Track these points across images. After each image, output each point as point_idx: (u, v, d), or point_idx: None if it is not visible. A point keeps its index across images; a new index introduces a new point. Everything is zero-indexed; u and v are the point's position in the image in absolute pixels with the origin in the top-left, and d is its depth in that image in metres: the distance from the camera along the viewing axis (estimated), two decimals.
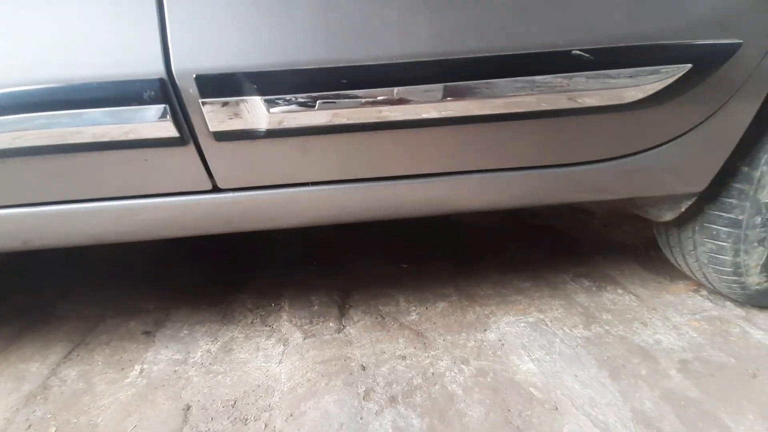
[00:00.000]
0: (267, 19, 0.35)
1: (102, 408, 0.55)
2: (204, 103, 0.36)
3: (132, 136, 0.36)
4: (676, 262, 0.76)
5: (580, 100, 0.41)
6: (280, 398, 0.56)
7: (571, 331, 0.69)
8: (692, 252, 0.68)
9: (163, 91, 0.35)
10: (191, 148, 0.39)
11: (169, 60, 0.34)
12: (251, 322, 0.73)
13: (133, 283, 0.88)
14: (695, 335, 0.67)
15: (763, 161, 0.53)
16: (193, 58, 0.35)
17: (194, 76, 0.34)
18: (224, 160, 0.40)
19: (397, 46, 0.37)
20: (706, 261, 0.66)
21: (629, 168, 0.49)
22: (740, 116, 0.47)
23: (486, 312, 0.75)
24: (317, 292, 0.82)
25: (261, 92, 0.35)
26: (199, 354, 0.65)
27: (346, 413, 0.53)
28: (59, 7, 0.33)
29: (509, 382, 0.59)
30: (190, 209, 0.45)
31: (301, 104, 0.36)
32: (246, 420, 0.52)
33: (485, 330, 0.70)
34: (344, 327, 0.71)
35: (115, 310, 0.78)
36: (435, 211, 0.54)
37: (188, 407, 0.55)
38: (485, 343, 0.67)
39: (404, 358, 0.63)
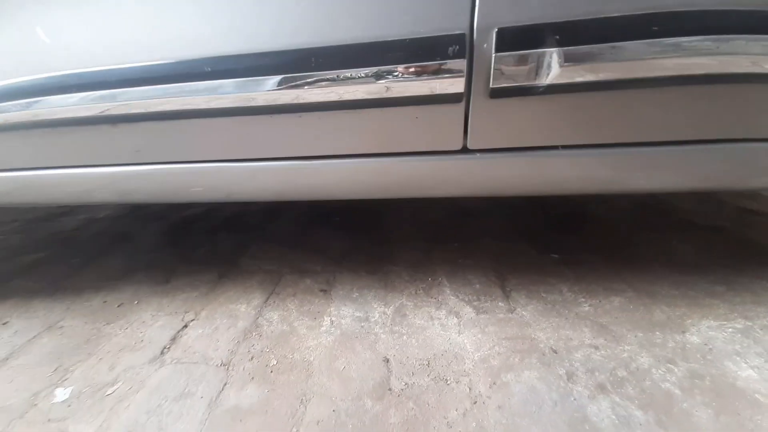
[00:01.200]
0: None
1: (310, 349, 0.61)
2: (497, 58, 0.36)
3: (421, 92, 0.39)
4: None
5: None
6: (473, 366, 0.56)
7: None
8: None
9: (463, 46, 0.36)
10: (462, 105, 0.40)
11: (474, 15, 0.36)
12: (415, 293, 0.75)
13: (295, 246, 0.98)
14: None
15: None
16: (496, 13, 0.35)
17: (496, 29, 0.35)
18: (486, 118, 0.41)
19: None
20: None
21: None
22: None
23: (677, 313, 0.66)
24: (472, 272, 0.81)
25: (560, 44, 0.35)
26: (377, 315, 0.69)
27: (555, 392, 0.51)
28: None
29: (730, 387, 0.51)
30: (436, 170, 0.47)
31: (596, 56, 0.35)
32: (447, 381, 0.54)
33: (683, 332, 0.62)
34: (515, 308, 0.69)
35: (289, 268, 0.86)
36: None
37: (387, 360, 0.58)
38: (688, 346, 0.59)
39: (596, 348, 0.59)
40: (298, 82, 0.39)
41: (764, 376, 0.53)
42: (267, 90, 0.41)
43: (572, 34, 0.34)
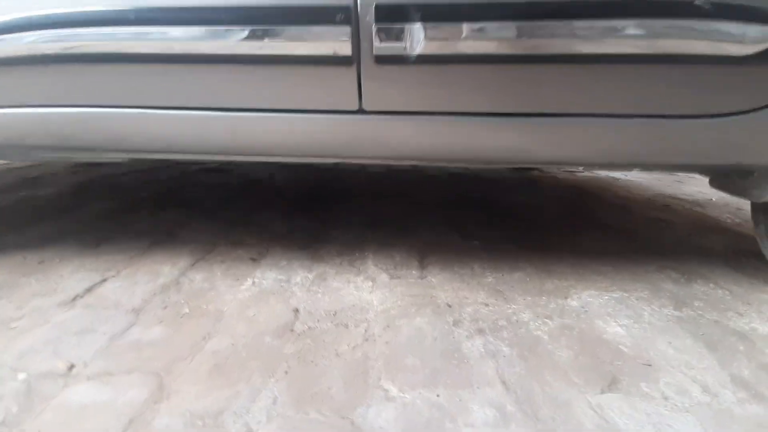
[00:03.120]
0: None
1: (226, 302, 0.64)
2: (376, 29, 0.45)
3: (315, 52, 0.47)
4: None
5: (692, 48, 0.45)
6: (374, 315, 0.61)
7: (660, 309, 0.68)
8: None
9: (349, 15, 0.44)
10: (353, 69, 0.48)
11: None
12: (340, 263, 0.80)
13: (236, 222, 1.01)
14: None
15: None
16: None
17: (374, 5, 0.44)
18: (376, 82, 0.49)
19: None
20: None
21: (731, 128, 0.50)
22: None
23: (565, 284, 0.75)
24: (397, 250, 0.88)
25: (423, 20, 0.44)
26: (299, 278, 0.73)
27: (438, 331, 0.57)
28: None
29: (597, 338, 0.59)
30: (336, 128, 0.54)
31: (454, 32, 0.44)
32: (347, 326, 0.58)
33: (566, 298, 0.71)
34: (426, 276, 0.75)
35: (224, 240, 0.89)
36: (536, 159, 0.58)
37: (296, 310, 0.62)
38: (567, 308, 0.68)
39: (487, 305, 0.66)
40: (213, 35, 0.46)
41: (631, 333, 0.61)
42: (178, 39, 0.47)
43: (433, 13, 0.44)
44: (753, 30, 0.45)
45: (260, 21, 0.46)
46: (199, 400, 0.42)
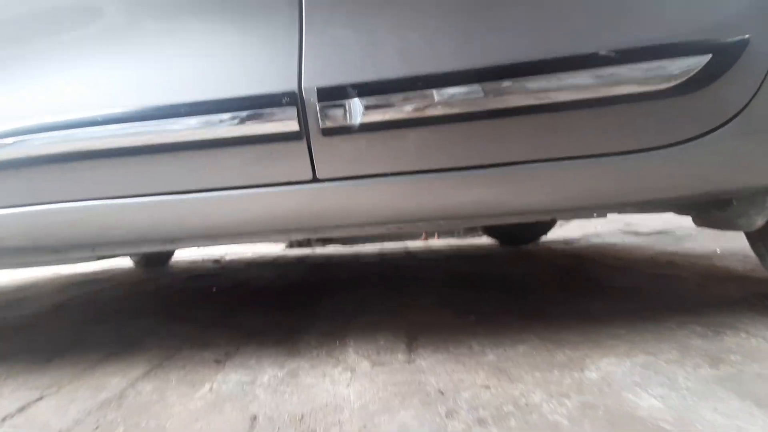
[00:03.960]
0: (361, 50, 0.50)
1: (171, 415, 0.53)
2: (320, 107, 0.49)
3: (267, 131, 0.50)
4: None
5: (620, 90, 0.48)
6: (350, 414, 0.50)
7: (695, 371, 0.56)
8: None
9: (295, 99, 0.49)
10: (304, 142, 0.51)
11: (301, 79, 0.50)
12: (316, 355, 0.70)
13: (210, 324, 0.92)
14: None
15: None
16: (314, 78, 0.50)
17: (316, 88, 0.49)
18: (326, 152, 0.51)
19: (442, 60, 0.49)
20: None
21: (686, 156, 0.50)
22: None
23: (578, 354, 0.64)
24: (382, 333, 0.78)
25: (359, 95, 0.48)
26: (266, 378, 0.62)
27: (427, 428, 0.45)
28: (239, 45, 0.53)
29: (629, 416, 0.47)
30: (294, 198, 0.53)
31: (386, 104, 0.48)
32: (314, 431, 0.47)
33: (582, 370, 0.59)
34: (414, 360, 0.65)
35: (191, 343, 0.80)
36: (494, 212, 0.56)
37: (255, 417, 0.51)
38: (585, 381, 0.56)
39: (488, 387, 0.55)
40: (194, 126, 0.50)
41: (669, 404, 0.49)
42: (163, 131, 0.51)
43: (366, 89, 0.48)
44: (673, 65, 0.49)
45: (216, 110, 0.50)
46: None
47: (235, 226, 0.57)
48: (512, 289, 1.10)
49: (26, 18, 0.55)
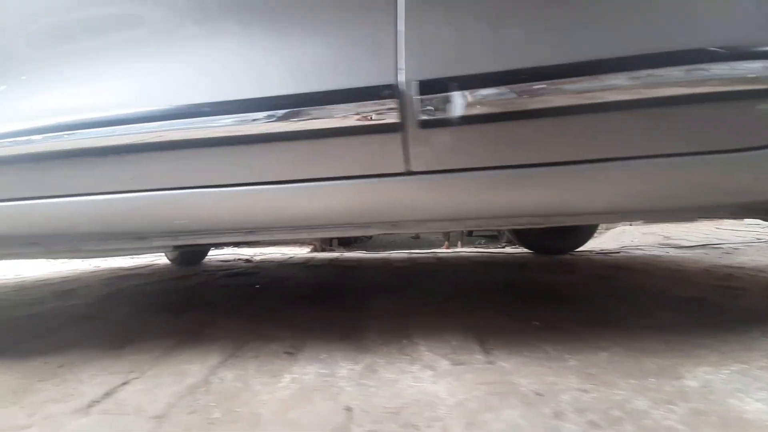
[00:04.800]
0: (463, 42, 0.51)
1: (262, 402, 0.53)
2: (420, 100, 0.49)
3: (365, 123, 0.50)
4: None
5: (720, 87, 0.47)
6: (447, 411, 0.48)
7: None
8: None
9: (398, 92, 0.49)
10: (399, 134, 0.51)
11: (402, 72, 0.51)
12: (387, 352, 0.69)
13: (264, 318, 0.93)
14: None
15: None
16: (415, 71, 0.51)
17: (418, 81, 0.49)
18: (422, 145, 0.51)
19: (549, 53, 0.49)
20: None
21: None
22: None
23: (669, 363, 0.61)
24: (449, 334, 0.77)
25: (461, 89, 0.48)
26: (344, 371, 0.62)
27: (542, 428, 0.43)
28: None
29: (739, 419, 0.44)
30: (382, 192, 0.54)
31: (488, 98, 0.48)
32: (417, 427, 0.45)
33: (678, 378, 0.56)
34: (494, 361, 0.63)
35: (255, 335, 0.81)
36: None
37: (349, 408, 0.50)
38: (686, 389, 0.53)
39: (585, 391, 0.52)
40: (291, 117, 0.51)
41: None
42: (263, 121, 0.52)
43: (466, 83, 0.48)
44: None
45: (319, 102, 0.51)
46: None
47: (323, 217, 0.58)
48: (565, 298, 1.06)
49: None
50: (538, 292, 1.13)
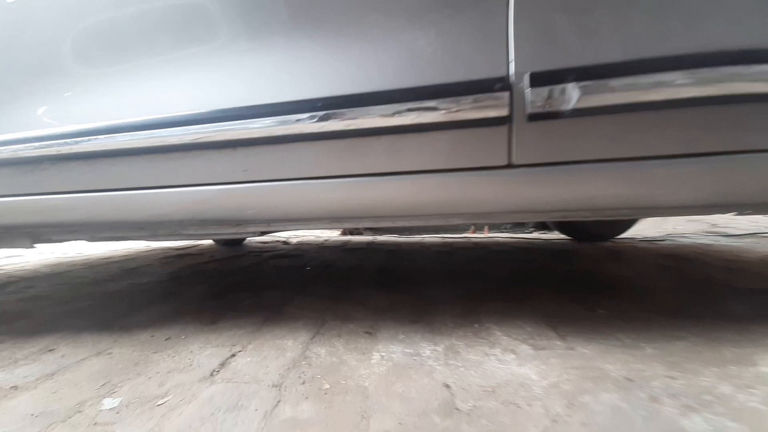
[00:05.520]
0: (575, 34, 0.50)
1: (363, 376, 0.58)
2: (532, 92, 0.50)
3: (474, 116, 0.52)
4: None
5: None
6: (543, 392, 0.52)
7: None
8: None
9: (508, 84, 0.50)
10: (506, 127, 0.52)
11: (510, 67, 0.51)
12: (463, 335, 0.73)
13: (337, 300, 0.99)
14: None
15: None
16: (526, 64, 0.51)
17: (529, 73, 0.50)
18: (527, 138, 0.52)
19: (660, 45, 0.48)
20: None
21: None
22: None
23: (745, 352, 0.62)
24: (521, 319, 0.80)
25: (576, 80, 0.48)
26: (428, 351, 0.66)
27: (642, 410, 0.46)
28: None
29: None
30: (480, 186, 0.55)
31: (602, 90, 0.48)
32: (518, 404, 0.49)
33: (755, 365, 0.57)
34: (573, 347, 0.66)
35: (331, 315, 0.86)
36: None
37: (447, 386, 0.54)
38: (764, 375, 0.54)
39: (673, 378, 0.54)
40: (400, 109, 0.53)
41: None
42: (371, 116, 0.54)
43: (580, 74, 0.48)
44: None
45: (428, 96, 0.53)
46: None
47: (423, 208, 0.60)
48: (623, 287, 1.07)
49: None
50: (595, 280, 1.14)
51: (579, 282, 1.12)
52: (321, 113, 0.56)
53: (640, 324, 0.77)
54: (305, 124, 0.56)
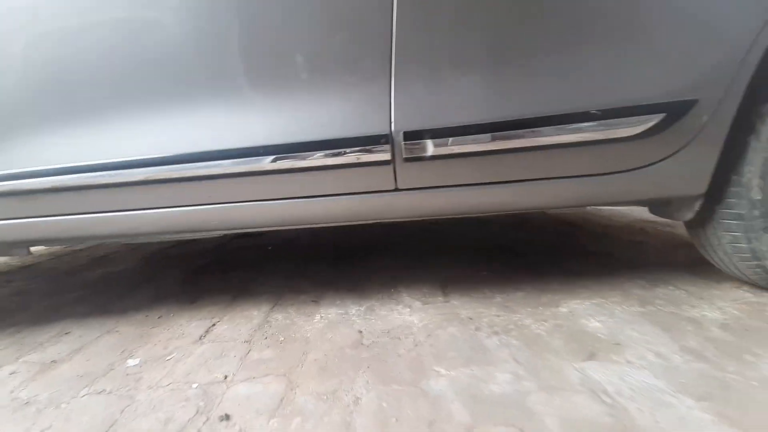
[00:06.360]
0: (432, 104, 0.75)
1: (307, 331, 0.87)
2: (404, 144, 0.75)
3: (371, 160, 0.76)
4: (713, 260, 0.96)
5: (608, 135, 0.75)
6: (417, 330, 0.84)
7: (628, 308, 0.90)
8: (719, 246, 0.89)
9: (387, 138, 0.75)
10: (391, 166, 0.78)
11: (391, 126, 0.76)
12: (381, 297, 1.04)
13: (292, 277, 1.25)
14: (736, 312, 0.85)
15: (745, 171, 0.79)
16: (400, 124, 0.76)
17: (402, 132, 0.75)
18: (405, 172, 0.78)
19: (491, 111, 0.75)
20: (730, 251, 0.87)
21: (643, 176, 0.78)
22: (710, 146, 0.76)
23: (556, 298, 0.98)
24: (423, 284, 1.12)
25: (432, 137, 0.74)
26: (353, 310, 0.96)
27: (466, 336, 0.79)
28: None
29: (581, 331, 0.81)
30: (379, 201, 0.82)
31: (446, 143, 0.75)
32: (399, 338, 0.81)
33: (557, 306, 0.93)
34: (449, 300, 0.98)
35: (288, 289, 1.13)
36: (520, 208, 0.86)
37: (360, 332, 0.84)
38: (558, 313, 0.90)
39: (498, 316, 0.89)
40: (303, 159, 0.77)
41: (606, 325, 0.83)
42: (274, 163, 0.78)
43: (435, 134, 0.74)
44: (635, 120, 0.75)
45: (337, 146, 0.76)
46: (318, 387, 0.64)
47: (340, 215, 0.86)
48: (514, 251, 1.42)
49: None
50: (498, 245, 1.49)
51: (485, 248, 1.47)
52: (272, 156, 0.78)
53: (505, 281, 1.12)
54: (261, 164, 0.78)
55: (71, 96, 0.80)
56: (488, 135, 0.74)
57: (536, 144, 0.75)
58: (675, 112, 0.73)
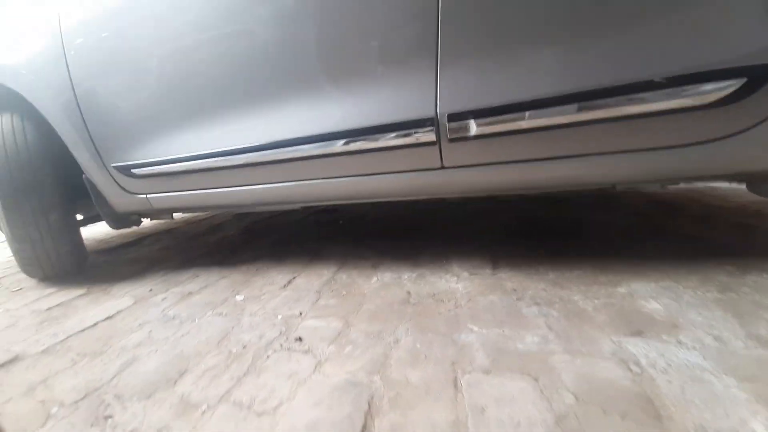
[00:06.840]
0: (475, 86, 0.79)
1: (364, 289, 1.02)
2: (448, 125, 0.81)
3: (418, 141, 0.85)
4: None
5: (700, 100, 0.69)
6: (460, 295, 0.91)
7: (703, 294, 0.82)
8: None
9: (434, 121, 0.82)
10: (437, 146, 0.85)
11: (437, 109, 0.82)
12: (432, 267, 1.13)
13: (355, 244, 1.43)
14: None
15: None
16: (444, 107, 0.82)
17: (447, 114, 0.81)
18: (450, 151, 0.85)
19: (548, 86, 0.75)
20: None
21: (723, 148, 0.70)
22: None
23: (617, 278, 0.94)
24: (474, 258, 1.17)
25: (474, 117, 0.79)
26: (406, 276, 1.08)
27: (505, 303, 0.84)
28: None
29: (634, 311, 0.78)
30: (427, 179, 0.90)
31: (493, 121, 0.78)
32: (442, 300, 0.90)
33: (615, 287, 0.89)
34: (497, 273, 1.03)
35: (351, 256, 1.31)
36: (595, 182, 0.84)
37: (409, 293, 0.96)
38: (614, 292, 0.87)
39: (545, 290, 0.90)
40: (366, 141, 0.89)
41: (668, 309, 0.78)
42: (349, 145, 0.91)
43: (476, 114, 0.78)
44: (711, 86, 0.67)
45: (389, 130, 0.87)
46: (368, 327, 0.79)
47: (387, 193, 0.97)
48: (582, 233, 1.35)
49: None
50: (564, 227, 1.43)
51: (549, 229, 1.42)
52: (342, 140, 0.93)
53: (560, 259, 1.10)
54: (333, 147, 0.93)
55: (193, 100, 1.06)
56: (534, 112, 0.75)
57: (587, 119, 0.73)
58: (758, 76, 0.63)
